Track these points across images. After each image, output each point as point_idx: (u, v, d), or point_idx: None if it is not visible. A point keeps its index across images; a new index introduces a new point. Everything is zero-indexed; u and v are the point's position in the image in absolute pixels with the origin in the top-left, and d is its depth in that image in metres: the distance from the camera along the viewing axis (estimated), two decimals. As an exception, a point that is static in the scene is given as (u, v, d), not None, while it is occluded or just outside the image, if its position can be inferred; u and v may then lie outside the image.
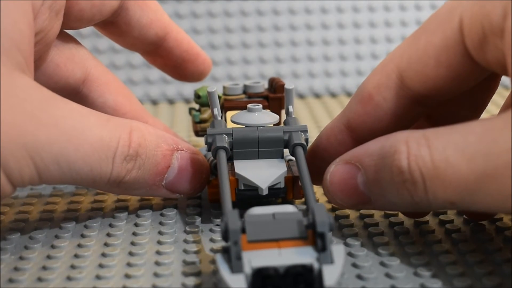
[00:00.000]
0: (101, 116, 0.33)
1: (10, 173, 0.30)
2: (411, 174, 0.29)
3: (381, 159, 0.30)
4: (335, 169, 0.32)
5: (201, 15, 0.61)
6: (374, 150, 0.31)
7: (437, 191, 0.28)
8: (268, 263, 0.28)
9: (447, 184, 0.28)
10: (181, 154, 0.35)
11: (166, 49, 0.42)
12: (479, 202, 0.28)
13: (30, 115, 0.30)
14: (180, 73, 0.44)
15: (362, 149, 0.32)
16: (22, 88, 0.31)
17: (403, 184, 0.29)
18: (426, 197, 0.29)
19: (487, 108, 0.37)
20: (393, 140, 0.30)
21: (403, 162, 0.29)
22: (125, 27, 0.40)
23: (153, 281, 0.30)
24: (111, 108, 0.41)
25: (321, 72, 0.61)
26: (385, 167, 0.30)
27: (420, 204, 0.29)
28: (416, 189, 0.29)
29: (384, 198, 0.31)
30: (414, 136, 0.29)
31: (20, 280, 0.31)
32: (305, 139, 0.35)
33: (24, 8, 0.32)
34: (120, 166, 0.33)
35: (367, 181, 0.31)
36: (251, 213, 0.30)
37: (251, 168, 0.34)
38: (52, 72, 0.38)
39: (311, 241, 0.29)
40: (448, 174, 0.28)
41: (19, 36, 0.31)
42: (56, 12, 0.34)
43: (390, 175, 0.30)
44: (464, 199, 0.28)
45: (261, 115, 0.36)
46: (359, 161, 0.31)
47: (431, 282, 0.30)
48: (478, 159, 0.27)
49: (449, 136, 0.28)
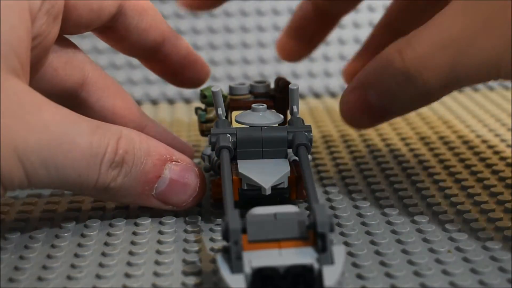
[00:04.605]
0: (92, 123, 0.33)
1: (1, 176, 0.30)
2: (409, 71, 0.34)
3: (383, 71, 0.35)
4: (347, 98, 0.37)
5: (201, 15, 0.61)
6: (374, 68, 0.36)
7: (429, 78, 0.34)
8: (268, 263, 0.28)
9: (433, 70, 0.34)
10: (174, 165, 0.35)
11: (164, 55, 0.41)
12: (463, 74, 0.33)
13: (21, 119, 0.30)
14: (178, 79, 0.43)
15: (364, 73, 0.37)
16: (15, 92, 0.31)
17: (407, 81, 0.34)
18: (425, 86, 0.34)
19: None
20: (386, 53, 0.35)
21: (400, 64, 0.34)
22: (124, 32, 0.39)
23: (153, 281, 0.30)
24: (110, 112, 0.41)
25: (321, 72, 0.61)
26: (390, 76, 0.35)
27: (425, 95, 0.35)
28: (417, 82, 0.34)
29: (395, 102, 0.36)
30: (400, 42, 0.35)
31: (20, 279, 0.31)
32: (309, 139, 0.35)
33: (21, 13, 0.32)
34: (106, 173, 0.33)
35: (380, 95, 0.36)
36: (252, 213, 0.30)
37: (255, 168, 0.34)
38: (50, 76, 0.38)
39: (312, 242, 0.29)
40: (430, 63, 0.34)
41: (16, 41, 0.31)
42: (54, 17, 0.34)
43: (396, 80, 0.35)
44: (450, 77, 0.34)
45: (266, 115, 0.36)
46: (366, 82, 0.37)
47: (431, 281, 0.30)
48: (446, 43, 0.33)
49: (424, 32, 0.34)
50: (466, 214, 0.35)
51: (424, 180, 0.40)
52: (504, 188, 0.39)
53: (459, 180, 0.40)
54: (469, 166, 0.42)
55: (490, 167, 0.41)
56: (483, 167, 0.42)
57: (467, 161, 0.43)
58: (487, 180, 0.40)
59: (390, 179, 0.40)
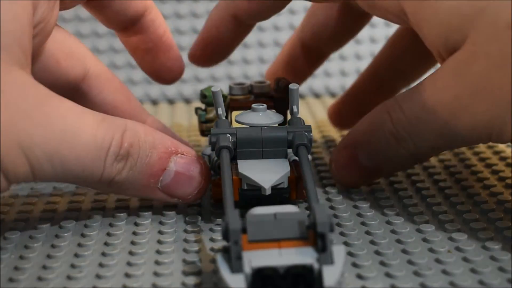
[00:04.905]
0: (96, 116, 0.33)
1: (6, 169, 0.30)
2: (399, 134, 0.35)
3: (374, 132, 0.36)
4: (337, 157, 0.38)
5: (201, 15, 0.61)
6: (364, 128, 0.37)
7: (420, 141, 0.34)
8: (268, 263, 0.28)
9: (424, 134, 0.34)
10: (180, 158, 0.35)
11: (142, 27, 0.41)
12: (453, 138, 0.33)
13: (25, 113, 0.30)
14: (149, 61, 0.43)
15: (354, 132, 0.37)
16: (19, 85, 0.31)
17: (397, 143, 0.35)
18: (416, 148, 0.35)
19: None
20: (376, 114, 0.36)
21: (390, 126, 0.35)
22: (108, 1, 0.39)
23: (153, 281, 0.30)
24: (110, 106, 0.41)
25: (321, 72, 0.61)
26: (380, 137, 0.35)
27: (415, 156, 0.35)
28: (407, 144, 0.35)
29: (386, 162, 0.36)
30: (389, 103, 0.35)
31: (20, 279, 0.31)
32: (309, 139, 0.35)
33: (24, 1, 0.32)
34: (111, 166, 0.33)
35: (369, 155, 0.36)
36: (252, 213, 0.30)
37: (255, 167, 0.34)
38: (53, 68, 0.38)
39: (312, 242, 0.29)
40: (420, 127, 0.34)
41: (19, 31, 0.31)
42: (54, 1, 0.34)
43: (386, 141, 0.35)
44: (440, 141, 0.34)
45: (265, 115, 0.36)
46: (356, 142, 0.37)
47: (431, 281, 0.30)
48: (437, 107, 0.33)
49: (414, 95, 0.34)
50: (466, 214, 0.35)
51: (424, 180, 0.40)
52: (504, 188, 0.39)
53: (459, 180, 0.40)
54: (469, 166, 0.42)
55: (490, 167, 0.41)
56: (483, 167, 0.42)
57: (467, 161, 0.43)
58: (487, 180, 0.40)
59: (389, 179, 0.40)
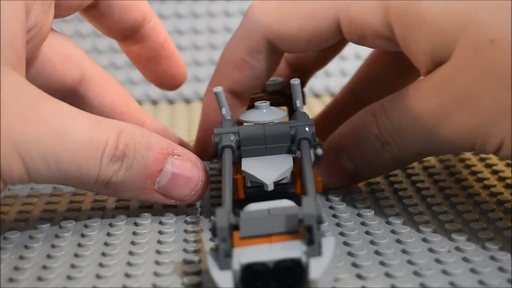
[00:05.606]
0: (92, 117, 0.33)
1: (0, 170, 0.30)
2: (384, 138, 0.35)
3: (358, 135, 0.36)
4: (320, 158, 0.37)
5: (201, 15, 0.61)
6: (348, 130, 0.36)
7: (404, 147, 0.34)
8: (256, 259, 0.28)
9: (408, 140, 0.34)
10: (176, 159, 0.35)
11: (143, 35, 0.41)
12: (437, 145, 0.33)
13: (19, 113, 0.30)
14: (152, 70, 0.43)
15: (338, 134, 0.37)
16: (12, 86, 0.31)
17: (383, 147, 0.35)
18: (400, 153, 0.35)
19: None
20: (361, 118, 0.36)
21: (375, 130, 0.35)
22: (106, 10, 0.39)
23: (153, 281, 0.30)
24: (108, 108, 0.41)
25: (321, 72, 0.61)
26: (365, 140, 0.35)
27: (399, 161, 0.35)
28: (392, 149, 0.35)
29: (369, 166, 0.36)
30: (375, 107, 0.35)
31: (20, 279, 0.31)
32: (312, 133, 0.35)
33: (16, 5, 0.32)
34: (107, 167, 0.33)
35: (353, 158, 0.36)
36: (247, 210, 0.30)
37: (257, 164, 0.34)
38: (49, 72, 0.38)
39: (304, 235, 0.29)
40: (405, 133, 0.34)
41: (12, 33, 0.31)
42: (48, 5, 0.34)
43: (371, 144, 0.35)
44: (424, 147, 0.34)
45: (269, 111, 0.36)
46: (339, 144, 0.37)
47: (431, 281, 0.30)
48: (422, 115, 0.33)
49: (398, 101, 0.34)
50: (466, 214, 0.35)
51: (424, 180, 0.40)
52: (504, 188, 0.39)
53: (459, 180, 0.40)
54: (469, 166, 0.42)
55: (490, 167, 0.41)
56: (483, 167, 0.42)
57: (467, 161, 0.43)
58: (487, 180, 0.40)
59: (389, 179, 0.40)
